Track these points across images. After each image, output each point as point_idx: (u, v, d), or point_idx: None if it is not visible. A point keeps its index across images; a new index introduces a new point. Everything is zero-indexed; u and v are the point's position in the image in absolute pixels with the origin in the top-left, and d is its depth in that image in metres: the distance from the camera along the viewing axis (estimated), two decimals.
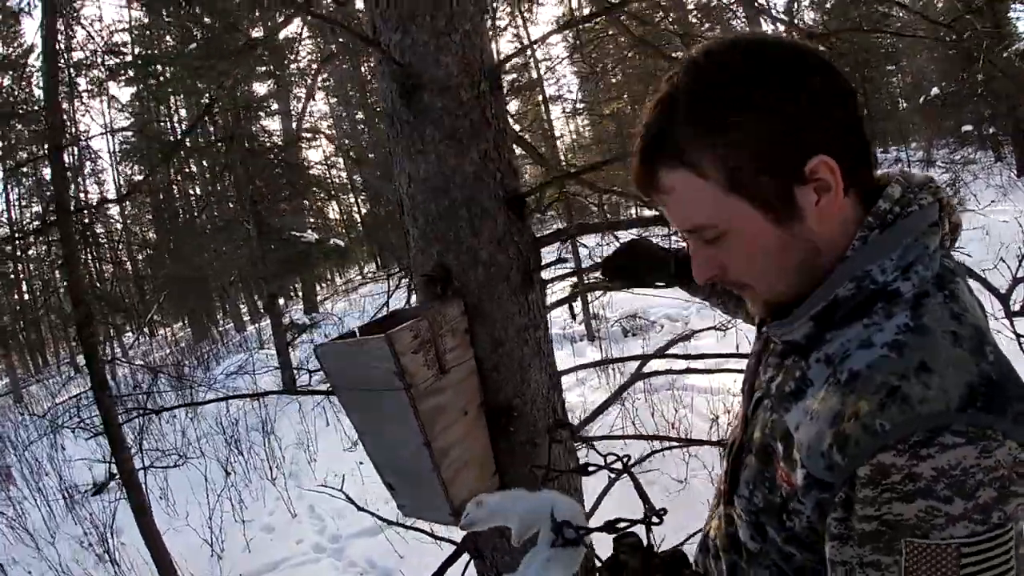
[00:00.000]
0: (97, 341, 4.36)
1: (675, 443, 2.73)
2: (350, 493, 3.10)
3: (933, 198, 0.83)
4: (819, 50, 0.84)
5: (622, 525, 1.14)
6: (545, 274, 2.02)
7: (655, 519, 1.19)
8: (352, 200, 25.02)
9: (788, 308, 0.89)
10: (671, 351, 2.89)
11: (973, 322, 0.77)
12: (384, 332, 1.51)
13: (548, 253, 2.16)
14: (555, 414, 2.02)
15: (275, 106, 13.74)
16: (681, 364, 2.78)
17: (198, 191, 19.75)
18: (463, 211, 1.77)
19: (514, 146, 2.06)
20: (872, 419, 0.72)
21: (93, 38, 13.08)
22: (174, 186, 19.04)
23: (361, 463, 5.96)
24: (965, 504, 0.67)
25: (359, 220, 25.02)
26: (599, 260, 1.72)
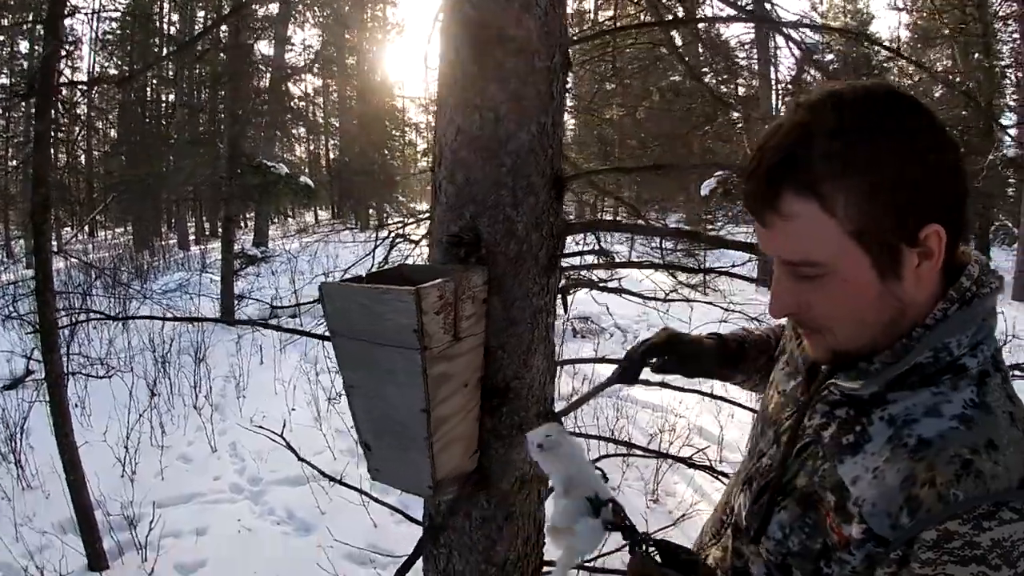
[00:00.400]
0: (50, 229, 4.15)
1: (641, 451, 2.72)
2: (277, 439, 2.97)
3: (998, 284, 0.88)
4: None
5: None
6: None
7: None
8: (323, 142, 24.58)
9: (851, 358, 0.91)
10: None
11: (1019, 404, 0.84)
12: (411, 286, 1.42)
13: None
14: (547, 403, 1.97)
15: (272, 32, 13.30)
16: (653, 376, 2.78)
17: (172, 98, 19.04)
18: (509, 179, 1.69)
19: None
20: (947, 489, 0.77)
21: None
22: (148, 88, 18.32)
23: (293, 410, 5.83)
24: (1009, 571, 0.74)
25: (324, 164, 24.61)
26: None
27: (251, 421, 4.99)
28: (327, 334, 1.68)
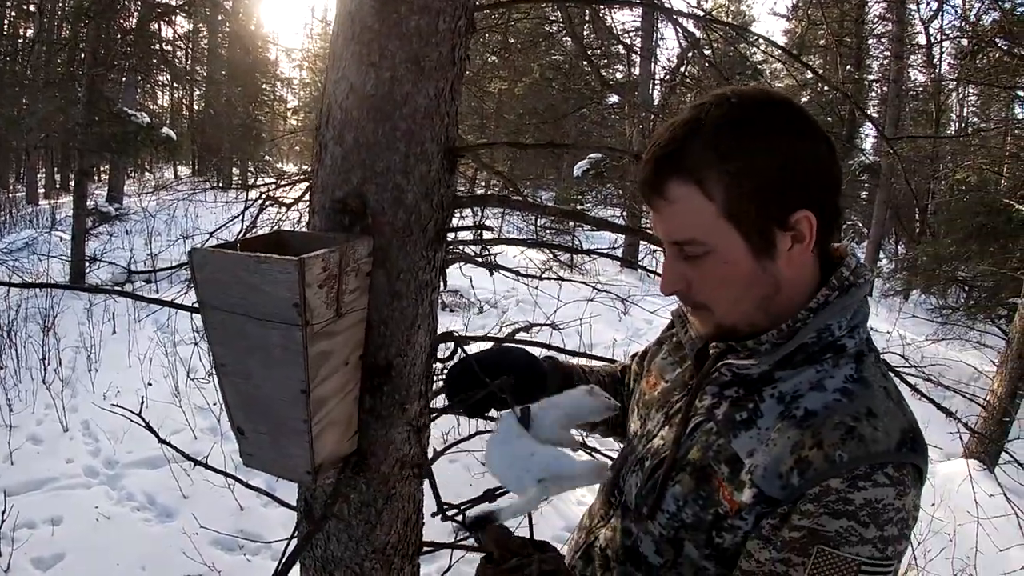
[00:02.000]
0: None
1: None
2: (134, 419, 2.74)
3: (870, 276, 1.01)
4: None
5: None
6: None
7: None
8: (188, 91, 23.08)
9: (734, 337, 1.04)
10: (523, 337, 2.86)
11: (893, 382, 0.98)
12: (291, 256, 1.29)
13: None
14: (428, 380, 1.89)
15: None
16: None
17: (30, 33, 17.17)
18: (402, 145, 1.58)
19: None
20: (833, 450, 0.88)
21: None
22: (5, 21, 16.47)
23: (150, 384, 5.44)
24: (876, 532, 0.85)
25: (188, 115, 23.10)
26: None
27: (104, 397, 4.65)
28: (190, 304, 1.53)
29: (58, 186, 21.31)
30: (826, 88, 16.32)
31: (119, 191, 15.05)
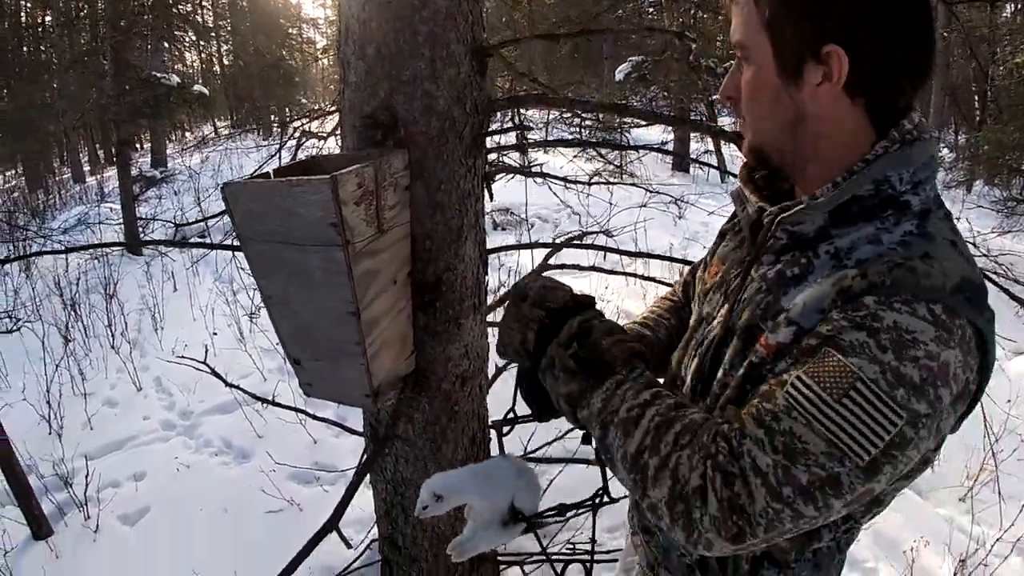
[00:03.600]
0: None
1: None
2: (202, 368, 2.80)
3: (937, 135, 0.86)
4: None
5: (571, 509, 1.24)
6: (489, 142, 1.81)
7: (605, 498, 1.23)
8: (215, 47, 23.02)
9: (766, 166, 1.01)
10: (578, 244, 2.80)
11: (963, 241, 0.88)
12: (326, 175, 1.25)
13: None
14: (481, 293, 1.85)
15: None
16: (583, 260, 2.71)
17: (48, 19, 17.24)
18: (426, 49, 1.50)
19: None
20: (878, 277, 0.80)
21: None
22: (22, 13, 16.52)
23: (215, 334, 5.55)
24: (892, 360, 0.76)
25: (219, 70, 23.09)
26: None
27: (172, 352, 4.73)
28: (237, 244, 1.50)
29: (103, 161, 21.55)
30: None
31: (162, 155, 15.17)
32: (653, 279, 2.87)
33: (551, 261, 2.68)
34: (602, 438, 0.95)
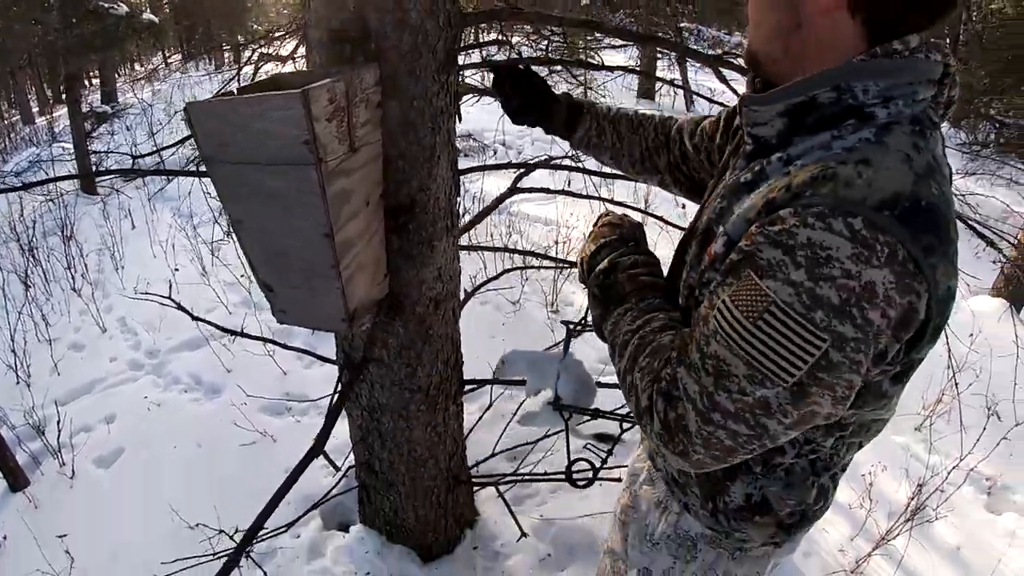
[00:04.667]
0: None
1: (539, 260, 2.66)
2: (166, 303, 2.75)
3: (942, 60, 0.86)
4: None
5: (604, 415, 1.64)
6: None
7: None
8: None
9: (761, 72, 0.98)
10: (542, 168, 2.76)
11: (929, 159, 0.81)
12: (296, 89, 1.19)
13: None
14: (453, 215, 1.83)
15: None
16: (551, 185, 2.68)
17: None
18: None
19: None
20: (801, 188, 0.79)
21: None
22: None
23: (176, 269, 5.44)
24: (806, 279, 0.75)
25: None
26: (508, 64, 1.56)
27: (135, 291, 4.64)
28: (201, 169, 1.44)
29: (52, 100, 20.69)
30: None
31: (112, 89, 14.56)
32: (621, 203, 2.86)
33: (520, 185, 2.65)
34: (611, 356, 1.06)
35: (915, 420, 3.58)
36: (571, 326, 1.54)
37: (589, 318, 1.26)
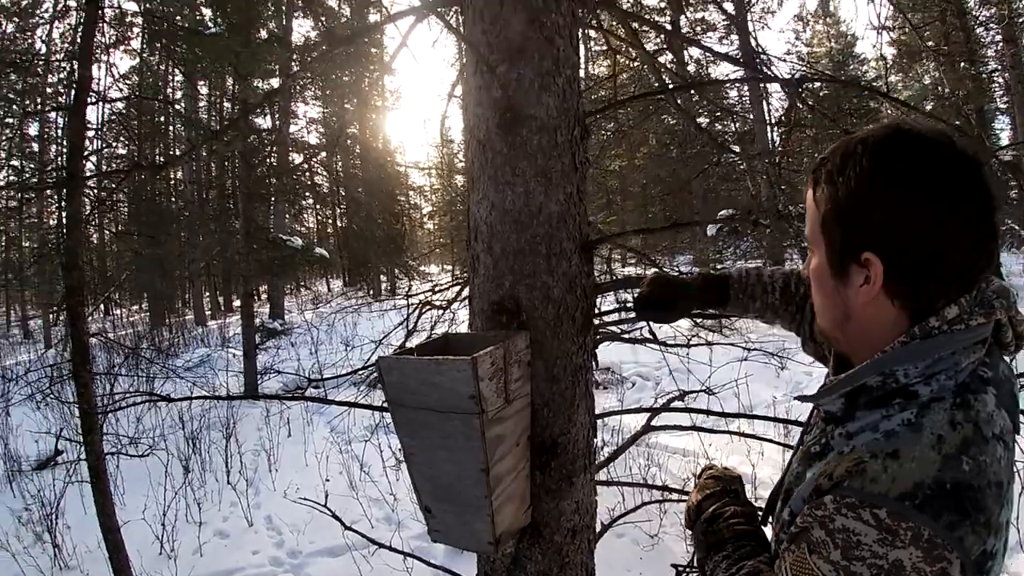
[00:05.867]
0: (84, 312, 4.26)
1: (679, 495, 2.78)
2: (321, 509, 3.04)
3: (986, 319, 0.96)
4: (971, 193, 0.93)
5: None
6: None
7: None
8: (328, 211, 25.02)
9: (836, 346, 1.12)
10: (678, 405, 2.97)
11: (968, 433, 0.89)
12: (463, 355, 1.53)
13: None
14: (591, 454, 2.06)
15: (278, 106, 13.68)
16: (684, 420, 2.87)
17: (180, 175, 19.56)
18: (542, 247, 1.81)
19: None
20: (841, 479, 0.91)
21: None
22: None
23: (328, 479, 5.86)
24: (841, 559, 0.87)
25: (331, 232, 25.03)
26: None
27: (285, 495, 5.05)
28: (357, 401, 1.77)
29: (222, 308, 23.47)
30: (947, 91, 15.51)
31: (280, 307, 16.48)
32: (755, 436, 2.97)
33: (654, 423, 2.86)
34: None
35: None
36: (679, 568, 1.62)
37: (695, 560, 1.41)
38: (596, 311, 2.00)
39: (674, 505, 4.73)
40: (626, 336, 2.81)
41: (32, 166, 19.86)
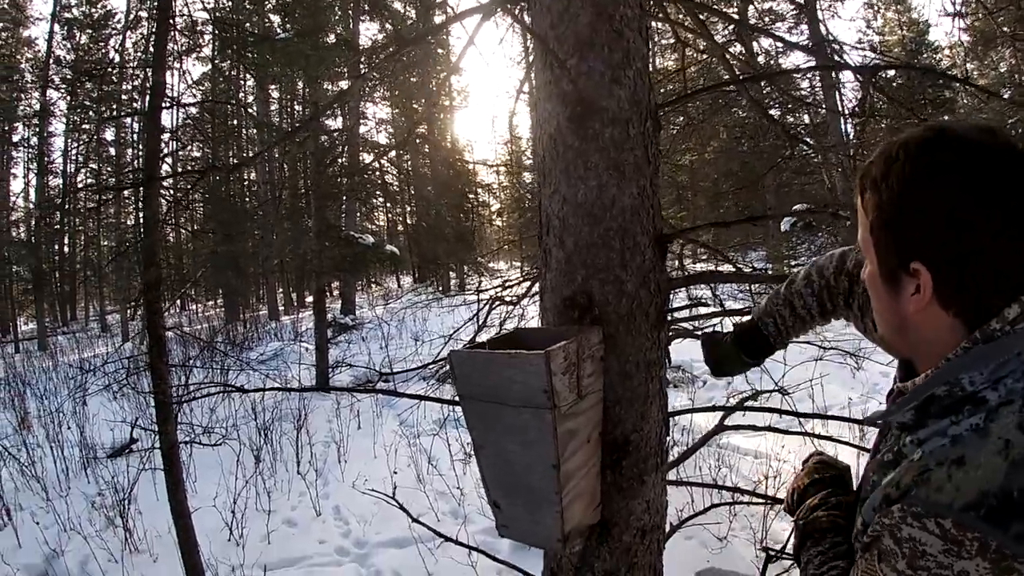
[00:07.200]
0: (161, 307, 4.40)
1: (749, 497, 2.72)
2: (388, 500, 3.07)
3: None
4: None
5: None
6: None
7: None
8: (399, 209, 25.42)
9: (897, 354, 1.12)
10: (751, 405, 2.90)
11: None
12: (542, 350, 1.52)
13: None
14: (662, 453, 2.03)
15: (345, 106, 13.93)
16: (757, 421, 2.80)
17: (253, 175, 20.18)
18: (616, 241, 1.79)
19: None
20: (907, 488, 0.91)
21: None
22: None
23: (396, 472, 5.95)
24: (905, 568, 0.87)
25: (401, 229, 25.45)
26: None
27: (353, 485, 5.14)
28: (427, 395, 1.78)
29: (295, 303, 24.14)
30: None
31: (351, 303, 16.86)
32: (830, 438, 2.89)
33: (726, 422, 2.80)
34: None
35: None
36: (770, 551, 1.60)
37: (789, 546, 1.38)
38: (668, 307, 1.96)
39: (744, 508, 4.63)
40: (698, 333, 2.74)
41: (109, 169, 20.88)
